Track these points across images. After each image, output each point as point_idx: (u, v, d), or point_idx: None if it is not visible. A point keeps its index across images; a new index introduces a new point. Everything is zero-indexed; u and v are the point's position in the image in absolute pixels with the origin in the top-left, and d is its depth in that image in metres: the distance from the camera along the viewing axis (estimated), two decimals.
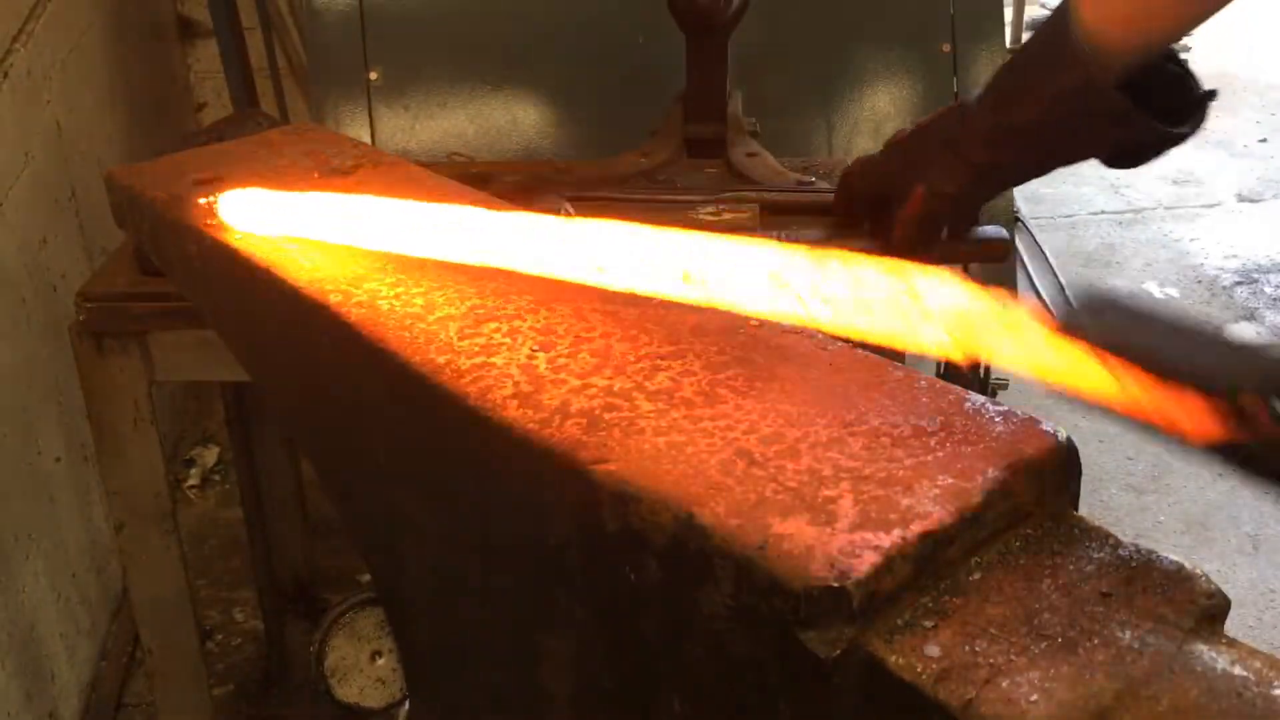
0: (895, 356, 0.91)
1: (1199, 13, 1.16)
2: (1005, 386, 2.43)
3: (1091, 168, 1.29)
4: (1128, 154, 1.26)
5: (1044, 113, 1.22)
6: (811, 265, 0.85)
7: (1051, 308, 0.77)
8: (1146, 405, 0.71)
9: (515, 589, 0.98)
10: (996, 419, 0.84)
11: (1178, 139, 1.21)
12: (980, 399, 0.86)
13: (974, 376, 2.35)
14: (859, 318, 0.83)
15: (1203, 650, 0.70)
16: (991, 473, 0.78)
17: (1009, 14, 5.62)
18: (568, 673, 0.94)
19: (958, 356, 0.79)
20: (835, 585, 0.69)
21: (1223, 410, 0.68)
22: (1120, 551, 0.77)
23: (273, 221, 1.19)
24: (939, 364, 2.55)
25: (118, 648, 2.75)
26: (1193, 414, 0.69)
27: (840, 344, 0.93)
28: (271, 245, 1.18)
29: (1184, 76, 1.24)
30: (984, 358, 0.75)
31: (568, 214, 1.44)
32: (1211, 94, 1.22)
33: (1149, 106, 1.18)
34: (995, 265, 1.73)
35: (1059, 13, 1.20)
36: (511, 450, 0.88)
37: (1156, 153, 1.24)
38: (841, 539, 0.73)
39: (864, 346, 0.88)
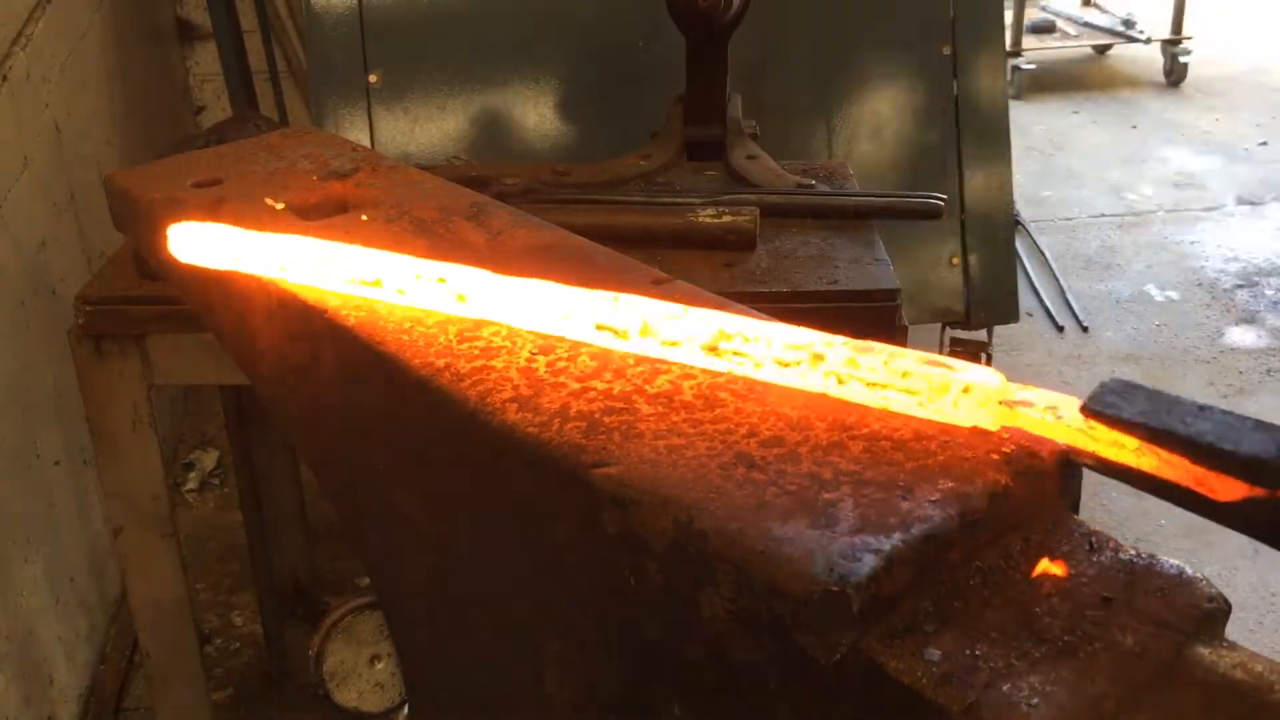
0: None
1: None
2: None
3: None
4: None
5: None
6: (849, 348, 0.86)
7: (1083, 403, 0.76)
8: (1177, 474, 0.71)
9: (515, 592, 0.98)
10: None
11: None
12: None
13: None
14: (894, 397, 0.83)
15: (1204, 654, 0.70)
16: (991, 476, 0.78)
17: (1009, 17, 5.63)
18: (568, 676, 0.94)
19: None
20: (835, 589, 0.69)
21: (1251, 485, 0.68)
22: (1121, 555, 0.77)
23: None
24: (941, 342, 2.54)
25: (116, 652, 2.75)
26: (1223, 483, 0.69)
27: None
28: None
29: None
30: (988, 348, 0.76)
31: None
32: None
33: None
34: None
35: None
36: (511, 454, 0.88)
37: None
38: (842, 542, 0.72)
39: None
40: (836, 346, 0.86)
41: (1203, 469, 0.70)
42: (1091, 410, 0.74)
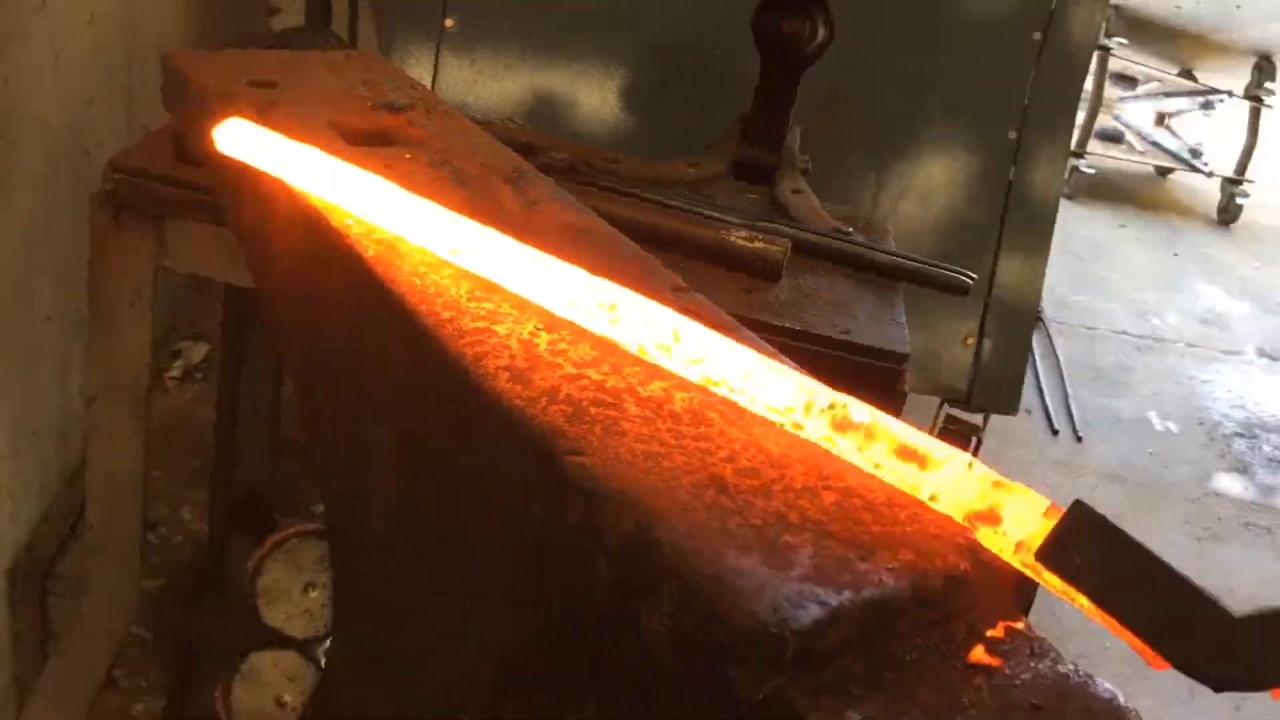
0: None
1: None
2: None
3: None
4: None
5: None
6: (828, 423, 0.86)
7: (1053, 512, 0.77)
8: (1121, 635, 0.74)
9: (466, 551, 0.98)
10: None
11: None
12: None
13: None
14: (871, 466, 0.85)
15: None
16: (952, 559, 0.78)
17: (1080, 117, 5.63)
18: (497, 645, 0.94)
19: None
20: (774, 630, 0.69)
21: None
22: (1059, 667, 0.77)
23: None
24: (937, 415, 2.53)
25: (60, 515, 2.75)
26: (1159, 662, 0.72)
27: None
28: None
29: None
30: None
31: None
32: None
33: None
34: None
35: None
36: (492, 421, 0.88)
37: None
38: (791, 587, 0.72)
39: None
40: (815, 416, 0.86)
41: (1143, 644, 0.71)
42: (1046, 563, 0.75)
